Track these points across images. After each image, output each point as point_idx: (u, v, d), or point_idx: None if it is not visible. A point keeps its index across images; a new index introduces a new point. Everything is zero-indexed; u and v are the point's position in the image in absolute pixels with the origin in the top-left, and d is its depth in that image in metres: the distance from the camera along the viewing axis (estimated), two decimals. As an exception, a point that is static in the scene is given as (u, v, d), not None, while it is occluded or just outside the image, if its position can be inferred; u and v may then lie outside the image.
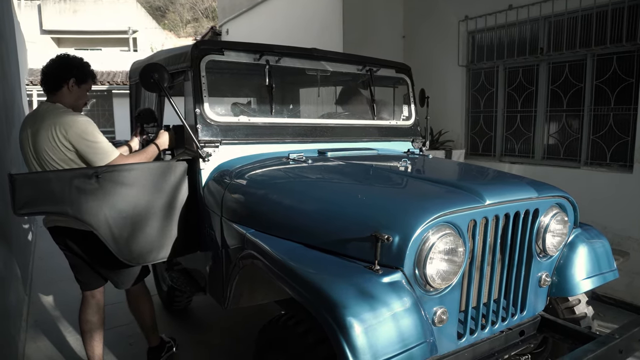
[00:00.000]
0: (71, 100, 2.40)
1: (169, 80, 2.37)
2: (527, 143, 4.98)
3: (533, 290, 1.97)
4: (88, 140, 2.26)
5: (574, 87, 4.49)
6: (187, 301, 3.69)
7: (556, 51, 4.55)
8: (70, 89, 2.38)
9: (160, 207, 2.38)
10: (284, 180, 2.22)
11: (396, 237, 1.52)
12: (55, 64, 2.39)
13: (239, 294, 2.16)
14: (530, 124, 4.91)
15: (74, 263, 2.51)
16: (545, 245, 1.93)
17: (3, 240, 2.85)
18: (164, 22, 28.84)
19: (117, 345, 3.17)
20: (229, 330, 3.42)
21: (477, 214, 1.68)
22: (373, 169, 2.33)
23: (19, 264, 3.64)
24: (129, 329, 3.39)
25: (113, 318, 3.48)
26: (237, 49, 2.62)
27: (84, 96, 2.48)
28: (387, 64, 3.23)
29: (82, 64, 2.45)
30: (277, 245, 1.78)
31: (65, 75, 2.37)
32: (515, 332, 1.93)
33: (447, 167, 2.64)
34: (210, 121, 2.46)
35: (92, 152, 2.27)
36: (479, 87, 5.45)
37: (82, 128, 2.25)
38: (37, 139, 2.24)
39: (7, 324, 2.59)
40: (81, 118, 2.29)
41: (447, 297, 1.64)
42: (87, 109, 14.47)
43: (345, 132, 2.98)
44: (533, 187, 1.90)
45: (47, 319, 3.64)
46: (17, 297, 3.23)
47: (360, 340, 1.31)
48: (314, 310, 1.43)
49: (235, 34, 9.96)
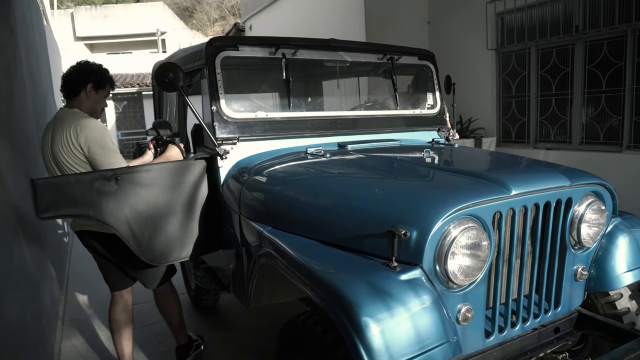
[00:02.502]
0: (89, 105, 2.44)
1: (184, 79, 2.37)
2: (563, 128, 4.75)
3: (568, 284, 1.86)
4: (97, 146, 2.28)
5: (613, 65, 4.23)
6: (215, 299, 3.73)
7: (593, 28, 4.30)
8: (88, 94, 2.42)
9: (180, 207, 2.39)
10: (300, 175, 2.18)
11: (414, 232, 1.46)
12: (74, 69, 2.44)
13: (259, 293, 2.15)
14: (566, 107, 4.67)
15: (102, 265, 2.57)
16: (581, 236, 1.82)
17: (36, 243, 2.95)
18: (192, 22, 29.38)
19: (147, 343, 3.24)
20: (257, 328, 3.42)
21: (502, 205, 1.59)
22: (393, 161, 2.26)
23: (54, 265, 3.77)
24: (158, 327, 3.45)
25: (143, 317, 3.56)
26: (252, 44, 2.60)
27: (102, 102, 2.51)
28: (408, 51, 3.13)
29: (100, 70, 2.48)
30: (293, 242, 1.76)
31: (83, 80, 2.41)
32: (550, 330, 1.83)
33: (472, 157, 2.53)
34: (227, 118, 2.45)
35: (99, 159, 2.28)
36: (510, 71, 5.24)
37: (94, 133, 2.28)
38: (54, 142, 2.29)
39: (41, 323, 2.68)
40: (95, 123, 2.32)
41: (472, 294, 1.57)
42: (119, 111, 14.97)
43: (367, 124, 2.92)
44: (565, 175, 1.79)
45: (83, 317, 3.76)
46: (52, 298, 3.34)
47: (376, 341, 1.26)
48: (329, 309, 1.39)
49: (258, 30, 10.00)
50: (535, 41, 4.81)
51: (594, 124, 4.49)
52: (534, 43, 4.85)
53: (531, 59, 4.94)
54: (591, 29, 4.29)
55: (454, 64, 4.74)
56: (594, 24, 4.27)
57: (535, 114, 5.01)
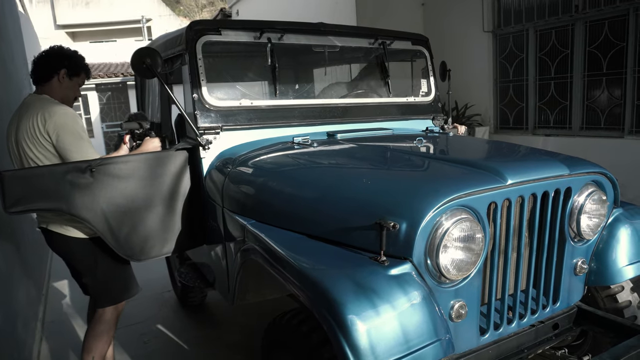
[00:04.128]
0: (61, 93, 2.31)
1: (163, 66, 2.30)
2: (562, 113, 4.72)
3: (567, 278, 1.83)
4: (67, 134, 2.12)
5: (614, 47, 4.19)
6: (202, 297, 3.69)
7: (593, 8, 4.25)
8: (61, 80, 2.30)
9: (160, 200, 2.33)
10: (285, 166, 2.14)
11: (403, 224, 1.42)
12: (47, 53, 2.32)
13: (245, 289, 2.11)
14: (566, 91, 4.64)
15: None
16: (580, 228, 1.78)
17: (9, 240, 2.88)
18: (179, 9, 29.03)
19: (130, 343, 3.20)
20: (247, 326, 3.39)
21: (497, 195, 1.55)
22: (384, 150, 2.22)
23: (33, 263, 3.71)
24: (143, 326, 3.41)
25: (127, 316, 3.50)
26: (236, 28, 2.55)
27: (75, 90, 2.39)
28: (401, 35, 3.08)
29: (76, 56, 2.38)
30: (277, 236, 1.72)
31: (56, 65, 2.29)
32: (548, 326, 1.81)
33: (467, 146, 2.49)
34: (209, 106, 2.40)
35: (69, 148, 2.12)
36: (507, 54, 5.20)
37: (64, 120, 2.13)
38: (19, 130, 2.15)
39: (16, 325, 2.62)
40: (65, 109, 2.19)
41: (466, 289, 1.53)
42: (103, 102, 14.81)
43: (358, 112, 2.88)
44: (563, 163, 1.75)
45: (64, 319, 3.71)
46: (30, 298, 3.28)
47: (362, 340, 1.23)
48: (314, 308, 1.36)
49: (246, 15, 9.89)
50: (534, 22, 4.76)
51: (594, 109, 4.46)
52: (532, 24, 4.79)
53: (529, 41, 4.89)
54: (591, 9, 4.24)
55: (449, 48, 4.69)
56: (594, 3, 4.22)
57: (534, 98, 4.98)
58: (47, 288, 4.32)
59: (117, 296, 2.40)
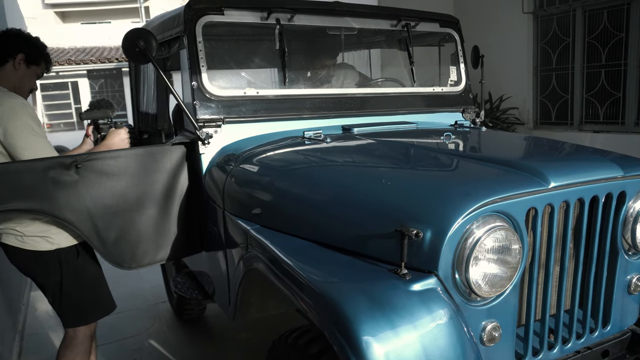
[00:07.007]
0: (14, 81, 2.28)
1: (158, 49, 2.30)
2: (614, 106, 4.66)
3: (619, 297, 1.80)
4: (18, 130, 2.06)
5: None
6: (200, 310, 3.71)
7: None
8: (17, 66, 2.28)
9: (154, 201, 2.35)
10: (294, 164, 2.16)
11: (428, 232, 1.41)
12: (4, 34, 2.31)
13: (247, 303, 2.13)
14: (619, 81, 4.58)
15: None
16: (636, 239, 1.76)
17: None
18: (180, -12, 29.29)
19: None
20: (250, 343, 3.41)
21: (538, 199, 1.53)
22: (406, 147, 2.22)
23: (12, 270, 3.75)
24: (135, 341, 3.45)
25: (117, 330, 3.55)
26: (241, 7, 2.55)
27: (32, 80, 2.37)
28: (428, 16, 3.07)
29: (37, 42, 2.38)
30: (283, 243, 1.73)
31: (12, 48, 2.27)
32: (597, 353, 1.77)
33: (502, 142, 2.48)
34: (210, 96, 2.41)
35: (20, 145, 2.06)
36: (550, 39, 5.16)
37: (14, 111, 2.08)
38: None
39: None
40: (16, 99, 2.14)
41: (500, 308, 1.51)
42: (95, 90, 15.01)
43: (378, 104, 2.90)
44: (616, 164, 1.72)
45: (45, 331, 3.76)
46: (7, 309, 3.32)
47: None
48: (324, 326, 1.36)
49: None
50: (582, 1, 4.70)
51: (652, 102, 4.40)
52: (580, 3, 4.75)
53: (576, 24, 4.85)
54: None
55: (483, 32, 4.67)
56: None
57: (581, 89, 4.94)
58: (28, 298, 4.39)
59: (89, 315, 2.38)
